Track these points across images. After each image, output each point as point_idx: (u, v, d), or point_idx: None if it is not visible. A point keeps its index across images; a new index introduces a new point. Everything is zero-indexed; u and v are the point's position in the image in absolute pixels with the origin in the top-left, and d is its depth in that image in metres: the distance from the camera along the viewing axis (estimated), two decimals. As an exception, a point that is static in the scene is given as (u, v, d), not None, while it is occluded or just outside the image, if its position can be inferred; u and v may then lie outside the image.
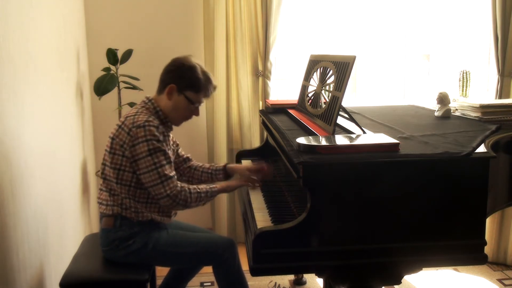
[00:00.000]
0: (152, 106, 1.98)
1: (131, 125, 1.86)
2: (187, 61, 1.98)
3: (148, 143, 1.83)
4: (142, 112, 1.92)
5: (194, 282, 2.75)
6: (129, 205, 1.92)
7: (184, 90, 1.96)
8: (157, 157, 1.85)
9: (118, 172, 1.89)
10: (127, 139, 1.86)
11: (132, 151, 1.85)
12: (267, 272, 1.66)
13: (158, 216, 1.98)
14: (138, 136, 1.83)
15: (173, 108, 1.97)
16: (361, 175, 1.57)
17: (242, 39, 3.16)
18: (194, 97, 1.98)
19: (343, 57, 1.90)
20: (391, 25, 3.53)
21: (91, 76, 3.13)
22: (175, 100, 1.97)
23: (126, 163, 1.88)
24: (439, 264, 1.90)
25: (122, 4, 3.23)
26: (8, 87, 1.70)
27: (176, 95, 1.96)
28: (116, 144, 1.89)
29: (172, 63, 2.00)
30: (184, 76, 1.95)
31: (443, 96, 2.49)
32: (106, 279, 1.87)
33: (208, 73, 2.01)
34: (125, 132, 1.87)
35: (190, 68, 1.95)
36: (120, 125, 1.91)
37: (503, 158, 1.99)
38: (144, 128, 1.84)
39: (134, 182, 1.91)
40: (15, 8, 1.81)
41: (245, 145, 3.26)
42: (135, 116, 1.89)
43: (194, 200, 1.92)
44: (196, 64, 1.98)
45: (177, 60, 1.99)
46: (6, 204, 1.67)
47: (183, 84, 1.95)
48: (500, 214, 3.06)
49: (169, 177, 1.86)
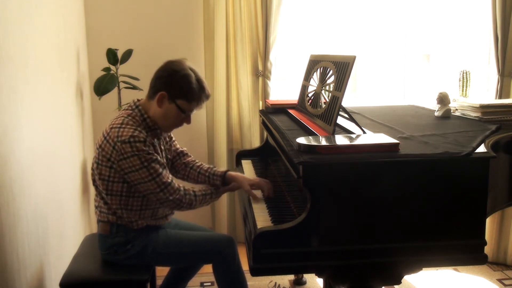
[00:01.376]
0: (139, 113, 1.88)
1: (116, 139, 1.77)
2: (180, 67, 1.86)
3: (139, 156, 1.76)
4: (128, 124, 1.81)
5: (194, 282, 2.75)
6: (121, 215, 1.89)
7: (175, 99, 1.85)
8: (152, 167, 1.78)
9: (107, 184, 1.84)
10: (113, 153, 1.78)
11: (121, 165, 1.78)
12: (267, 272, 1.65)
13: (153, 221, 1.96)
14: (126, 151, 1.75)
15: (163, 115, 1.87)
16: (361, 175, 1.57)
17: (242, 39, 3.16)
18: (186, 106, 1.87)
19: (343, 57, 1.90)
20: (391, 25, 3.53)
21: (91, 76, 3.13)
22: (166, 108, 1.86)
23: (115, 174, 1.82)
24: (439, 264, 1.90)
25: (122, 4, 3.23)
26: (8, 87, 1.70)
27: (167, 103, 1.86)
28: (103, 156, 1.82)
29: (164, 68, 1.88)
30: (177, 85, 1.84)
31: (443, 96, 2.49)
32: (106, 279, 1.87)
33: (202, 81, 1.90)
34: (110, 145, 1.79)
35: (183, 76, 1.84)
36: (105, 136, 1.82)
37: (503, 158, 1.99)
38: (130, 144, 1.75)
39: (125, 191, 1.85)
40: (15, 8, 1.81)
41: (245, 145, 3.26)
42: (120, 129, 1.79)
43: (199, 202, 1.92)
44: (190, 71, 1.86)
45: (170, 66, 1.88)
46: (6, 204, 1.67)
47: (175, 93, 1.84)
48: (500, 214, 3.06)
49: (168, 183, 1.83)
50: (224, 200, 3.32)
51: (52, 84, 2.30)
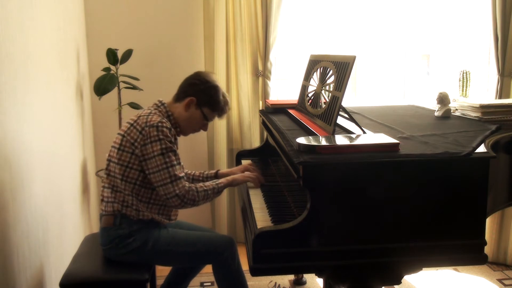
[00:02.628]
0: (164, 110, 2.02)
1: (144, 124, 1.90)
2: (212, 79, 2.08)
3: (161, 142, 1.87)
4: (156, 114, 1.96)
5: (194, 282, 2.75)
6: (131, 203, 1.93)
7: (203, 106, 2.04)
8: (168, 156, 1.88)
9: (125, 169, 1.91)
10: (139, 138, 1.89)
11: (143, 150, 1.88)
12: (267, 272, 1.65)
13: (158, 216, 1.99)
14: (151, 135, 1.87)
15: (187, 119, 2.04)
16: (361, 175, 1.57)
17: (242, 39, 3.16)
18: (210, 114, 2.08)
19: (343, 57, 1.90)
20: (391, 25, 3.53)
21: (91, 76, 3.13)
22: (192, 113, 2.04)
23: (135, 161, 1.90)
24: (439, 264, 1.90)
25: (122, 4, 3.23)
26: (8, 87, 1.70)
27: (193, 108, 2.04)
28: (127, 141, 1.91)
29: (197, 77, 2.07)
30: (207, 94, 2.04)
31: (443, 96, 2.49)
32: (106, 279, 1.87)
33: (227, 96, 2.12)
34: (137, 130, 1.90)
35: (214, 87, 2.05)
36: (132, 123, 1.94)
37: (503, 158, 1.99)
38: (157, 128, 1.88)
39: (140, 181, 1.93)
40: (15, 8, 1.81)
41: (245, 145, 3.26)
42: (149, 116, 1.92)
43: (202, 198, 1.94)
44: (219, 85, 2.08)
45: (202, 76, 2.08)
46: (6, 204, 1.67)
47: (204, 100, 2.04)
48: (500, 214, 3.06)
49: (179, 177, 1.89)
50: (224, 200, 3.32)
51: (52, 84, 2.30)
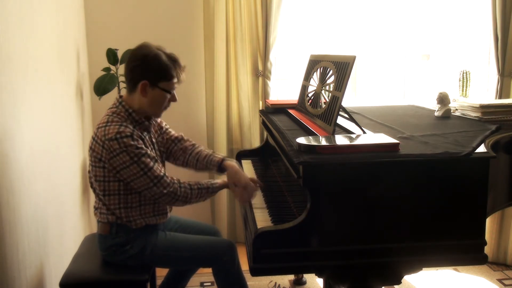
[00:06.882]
0: (123, 109, 1.87)
1: (103, 137, 1.78)
2: (147, 50, 1.84)
3: (128, 151, 1.76)
4: (113, 121, 1.81)
5: (194, 282, 2.75)
6: (120, 215, 1.88)
7: (157, 83, 1.84)
8: (142, 162, 1.78)
9: (103, 184, 1.84)
10: (103, 153, 1.78)
11: (112, 163, 1.78)
12: (267, 272, 1.66)
13: (153, 218, 1.94)
14: (114, 148, 1.76)
15: (150, 103, 1.87)
16: (361, 175, 1.57)
17: (242, 39, 3.16)
18: (169, 85, 1.87)
19: (343, 57, 1.90)
20: (391, 25, 3.52)
21: (91, 76, 3.13)
22: (151, 95, 1.85)
23: (109, 173, 1.82)
24: (439, 264, 1.90)
25: (122, 4, 3.23)
26: (8, 87, 1.70)
27: (150, 90, 1.84)
28: (95, 157, 1.82)
29: (133, 58, 1.85)
30: (153, 68, 1.82)
31: (443, 96, 2.50)
32: (106, 279, 1.87)
33: (173, 55, 1.88)
34: (99, 145, 1.79)
35: (154, 57, 1.82)
36: (94, 137, 1.84)
37: (503, 158, 1.99)
38: (117, 141, 1.75)
39: (123, 190, 1.85)
40: (15, 8, 1.81)
41: (245, 145, 3.26)
42: (106, 127, 1.79)
43: (195, 196, 1.89)
44: (157, 51, 1.84)
45: (138, 53, 1.85)
46: (6, 204, 1.67)
47: (154, 77, 1.83)
48: (500, 214, 3.06)
49: (160, 177, 1.82)
50: (224, 200, 3.32)
51: (52, 84, 2.30)
